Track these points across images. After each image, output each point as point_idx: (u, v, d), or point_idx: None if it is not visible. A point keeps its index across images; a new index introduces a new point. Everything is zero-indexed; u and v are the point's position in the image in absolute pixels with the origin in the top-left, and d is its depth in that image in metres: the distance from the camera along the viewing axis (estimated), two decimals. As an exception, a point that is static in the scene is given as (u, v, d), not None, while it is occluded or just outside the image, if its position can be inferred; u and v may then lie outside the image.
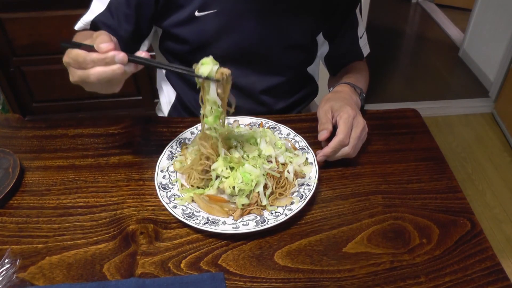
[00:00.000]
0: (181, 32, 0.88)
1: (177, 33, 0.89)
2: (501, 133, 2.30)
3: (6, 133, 0.88)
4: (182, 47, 0.90)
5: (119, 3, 0.84)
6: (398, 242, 0.67)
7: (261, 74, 0.96)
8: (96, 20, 0.85)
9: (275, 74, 0.97)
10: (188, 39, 0.88)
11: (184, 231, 0.69)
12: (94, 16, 0.85)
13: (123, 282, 0.61)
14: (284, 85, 1.00)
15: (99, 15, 0.85)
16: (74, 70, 0.62)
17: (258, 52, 0.92)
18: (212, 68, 0.65)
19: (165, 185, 0.73)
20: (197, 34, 0.87)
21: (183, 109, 1.04)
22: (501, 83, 2.41)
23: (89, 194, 0.75)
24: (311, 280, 0.62)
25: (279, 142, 0.77)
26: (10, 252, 0.64)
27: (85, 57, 0.59)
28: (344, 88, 0.89)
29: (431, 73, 2.82)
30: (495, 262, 0.64)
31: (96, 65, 0.60)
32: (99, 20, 0.85)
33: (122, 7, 0.84)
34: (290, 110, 1.05)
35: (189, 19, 0.86)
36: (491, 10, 2.56)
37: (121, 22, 0.85)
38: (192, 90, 0.99)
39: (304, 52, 0.99)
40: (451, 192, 0.76)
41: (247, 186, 0.68)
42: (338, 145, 0.76)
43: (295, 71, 1.01)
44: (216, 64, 0.66)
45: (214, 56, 0.67)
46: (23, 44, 1.89)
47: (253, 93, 0.97)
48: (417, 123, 0.92)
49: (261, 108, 0.99)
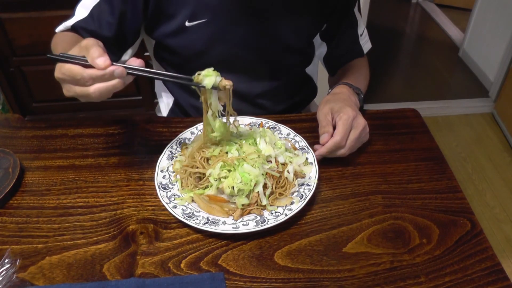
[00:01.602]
0: (172, 43, 0.87)
1: (169, 44, 0.88)
2: (501, 133, 2.30)
3: (6, 133, 0.88)
4: (175, 57, 0.90)
5: (102, 10, 0.83)
6: (398, 242, 0.67)
7: (257, 79, 0.96)
8: (76, 25, 0.84)
9: (271, 77, 0.97)
10: (179, 50, 0.88)
11: (184, 231, 0.69)
12: (75, 21, 0.84)
13: (123, 282, 0.61)
14: (282, 87, 0.99)
15: (79, 21, 0.84)
16: (70, 86, 0.61)
17: (253, 57, 0.91)
18: (215, 80, 0.67)
19: (165, 185, 0.73)
20: (188, 44, 0.87)
21: (181, 112, 1.04)
22: (501, 83, 2.41)
23: (89, 194, 0.75)
24: (311, 280, 0.62)
25: (279, 142, 0.77)
26: (10, 252, 0.64)
27: (82, 74, 0.58)
28: (342, 89, 0.89)
29: (431, 73, 2.82)
30: (495, 262, 0.64)
31: (95, 82, 0.59)
32: (79, 25, 0.84)
33: (105, 14, 0.83)
34: (289, 112, 1.05)
35: (179, 30, 0.85)
36: (491, 10, 2.56)
37: (102, 29, 0.83)
38: (189, 95, 0.99)
39: (301, 55, 0.98)
40: (451, 192, 0.76)
41: (246, 186, 0.68)
42: (333, 147, 0.76)
43: (292, 73, 1.01)
44: (218, 75, 0.68)
45: (208, 64, 0.68)
46: (23, 44, 1.89)
47: (250, 98, 0.97)
48: (417, 123, 0.92)
49: (260, 111, 0.99)
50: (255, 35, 0.88)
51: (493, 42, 2.53)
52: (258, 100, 0.98)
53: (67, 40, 0.81)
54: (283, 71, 0.97)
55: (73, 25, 0.84)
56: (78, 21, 0.84)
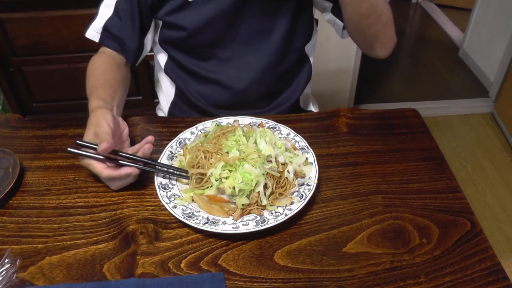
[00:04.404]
0: (176, 19, 0.90)
1: (173, 21, 0.90)
2: (501, 133, 2.30)
3: (6, 133, 0.88)
4: (179, 33, 0.92)
5: (123, 3, 0.89)
6: (398, 242, 0.67)
7: (259, 53, 0.95)
8: (107, 24, 0.91)
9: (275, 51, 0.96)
10: (183, 25, 0.90)
11: (184, 231, 0.69)
12: (104, 21, 0.91)
13: (123, 282, 0.61)
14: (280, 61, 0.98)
15: (108, 19, 0.90)
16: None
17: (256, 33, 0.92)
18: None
19: (165, 185, 0.73)
20: (191, 19, 0.89)
21: (184, 103, 1.04)
22: (501, 83, 2.41)
23: (89, 194, 0.75)
24: (311, 280, 0.62)
25: (279, 142, 0.77)
26: (10, 252, 0.64)
27: (102, 174, 0.70)
28: None
29: (431, 73, 2.82)
30: (495, 262, 0.64)
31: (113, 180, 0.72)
32: (110, 24, 0.91)
33: (127, 5, 0.89)
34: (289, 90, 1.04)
35: (182, 5, 0.88)
36: (491, 10, 2.56)
37: (128, 22, 0.90)
38: (194, 80, 0.99)
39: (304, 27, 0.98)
40: (451, 192, 0.76)
41: (247, 186, 0.68)
42: None
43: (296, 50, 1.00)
44: None
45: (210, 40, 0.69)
46: (23, 44, 1.89)
47: (251, 72, 0.97)
48: (417, 123, 0.92)
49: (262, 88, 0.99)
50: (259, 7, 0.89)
51: (493, 42, 2.53)
52: (259, 74, 0.97)
53: (97, 76, 0.89)
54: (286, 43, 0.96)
55: (104, 25, 0.91)
56: (108, 20, 0.91)
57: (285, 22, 0.93)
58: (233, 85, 0.97)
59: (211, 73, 0.97)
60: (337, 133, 0.88)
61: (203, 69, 0.96)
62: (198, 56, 0.96)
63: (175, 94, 1.05)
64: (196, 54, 0.95)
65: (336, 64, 2.10)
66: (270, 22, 0.92)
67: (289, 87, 1.04)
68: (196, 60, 0.96)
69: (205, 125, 0.85)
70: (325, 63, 2.07)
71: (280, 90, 1.03)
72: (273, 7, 0.91)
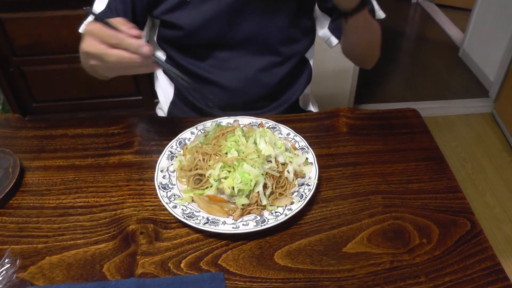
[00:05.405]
0: (173, 19, 0.89)
1: (170, 20, 0.90)
2: (501, 133, 2.30)
3: (6, 133, 0.88)
4: (176, 33, 0.91)
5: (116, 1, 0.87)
6: (398, 242, 0.67)
7: (257, 54, 0.95)
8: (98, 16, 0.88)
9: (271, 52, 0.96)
10: (180, 24, 0.89)
11: (184, 231, 0.69)
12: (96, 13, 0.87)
13: (123, 282, 0.61)
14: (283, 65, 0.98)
15: (99, 13, 0.87)
16: (94, 42, 0.63)
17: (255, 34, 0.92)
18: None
19: (165, 185, 0.73)
20: (189, 18, 0.88)
21: (183, 103, 1.04)
22: (501, 83, 2.41)
23: (89, 194, 0.75)
24: (311, 280, 0.62)
25: (279, 142, 0.77)
26: (10, 252, 0.64)
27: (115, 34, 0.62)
28: None
29: (431, 73, 2.82)
30: (495, 262, 0.64)
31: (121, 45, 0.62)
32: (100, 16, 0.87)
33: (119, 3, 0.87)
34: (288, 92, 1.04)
35: (180, 4, 0.87)
36: (491, 10, 2.56)
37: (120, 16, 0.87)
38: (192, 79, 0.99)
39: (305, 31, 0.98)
40: (451, 192, 0.76)
41: (247, 186, 0.68)
42: None
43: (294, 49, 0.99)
44: None
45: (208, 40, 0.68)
46: (23, 44, 1.89)
47: (249, 73, 0.96)
48: (417, 123, 0.92)
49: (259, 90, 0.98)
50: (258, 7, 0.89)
51: (493, 42, 2.53)
52: (257, 75, 0.97)
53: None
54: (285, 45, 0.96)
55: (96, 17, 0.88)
56: (99, 13, 0.87)
57: (284, 24, 0.92)
58: (231, 85, 0.97)
59: (209, 73, 0.96)
60: (337, 133, 0.88)
61: (200, 69, 0.96)
62: (196, 55, 0.95)
63: (174, 94, 1.05)
64: (193, 53, 0.95)
65: (336, 64, 2.10)
66: (269, 24, 0.92)
67: (289, 90, 1.04)
68: (194, 59, 0.96)
69: (205, 125, 0.85)
70: (325, 63, 2.07)
71: (279, 91, 1.03)
72: (272, 8, 0.91)
